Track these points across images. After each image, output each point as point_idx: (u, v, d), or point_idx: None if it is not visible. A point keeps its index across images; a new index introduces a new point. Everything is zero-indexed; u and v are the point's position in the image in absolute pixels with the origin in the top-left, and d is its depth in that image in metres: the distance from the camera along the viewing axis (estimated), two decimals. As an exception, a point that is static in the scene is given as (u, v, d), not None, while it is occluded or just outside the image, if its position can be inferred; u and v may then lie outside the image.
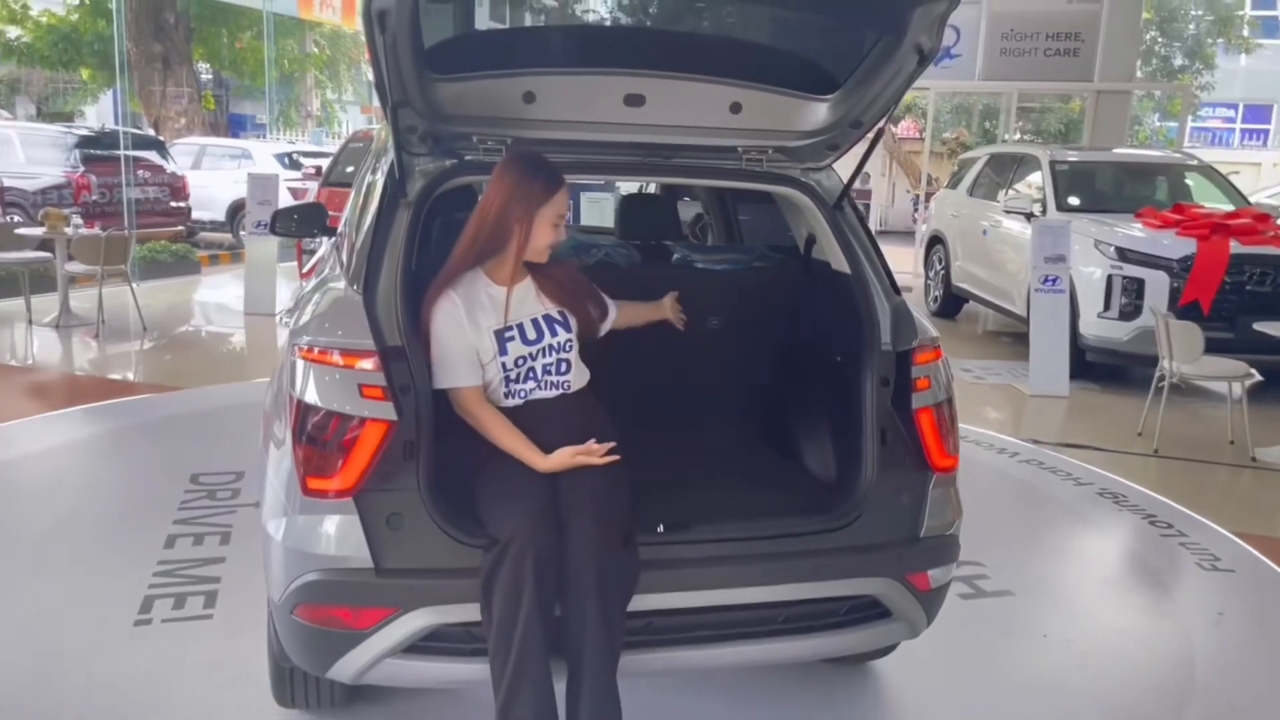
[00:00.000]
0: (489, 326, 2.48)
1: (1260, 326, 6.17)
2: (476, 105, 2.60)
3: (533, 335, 2.53)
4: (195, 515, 4.20)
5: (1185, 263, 7.10)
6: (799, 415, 3.03)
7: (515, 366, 2.51)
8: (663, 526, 2.45)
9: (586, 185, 9.78)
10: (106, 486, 4.75)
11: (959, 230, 10.28)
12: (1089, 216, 8.03)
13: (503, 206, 2.45)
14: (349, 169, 9.45)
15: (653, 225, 3.71)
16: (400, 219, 2.46)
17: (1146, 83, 24.23)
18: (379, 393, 2.26)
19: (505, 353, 2.49)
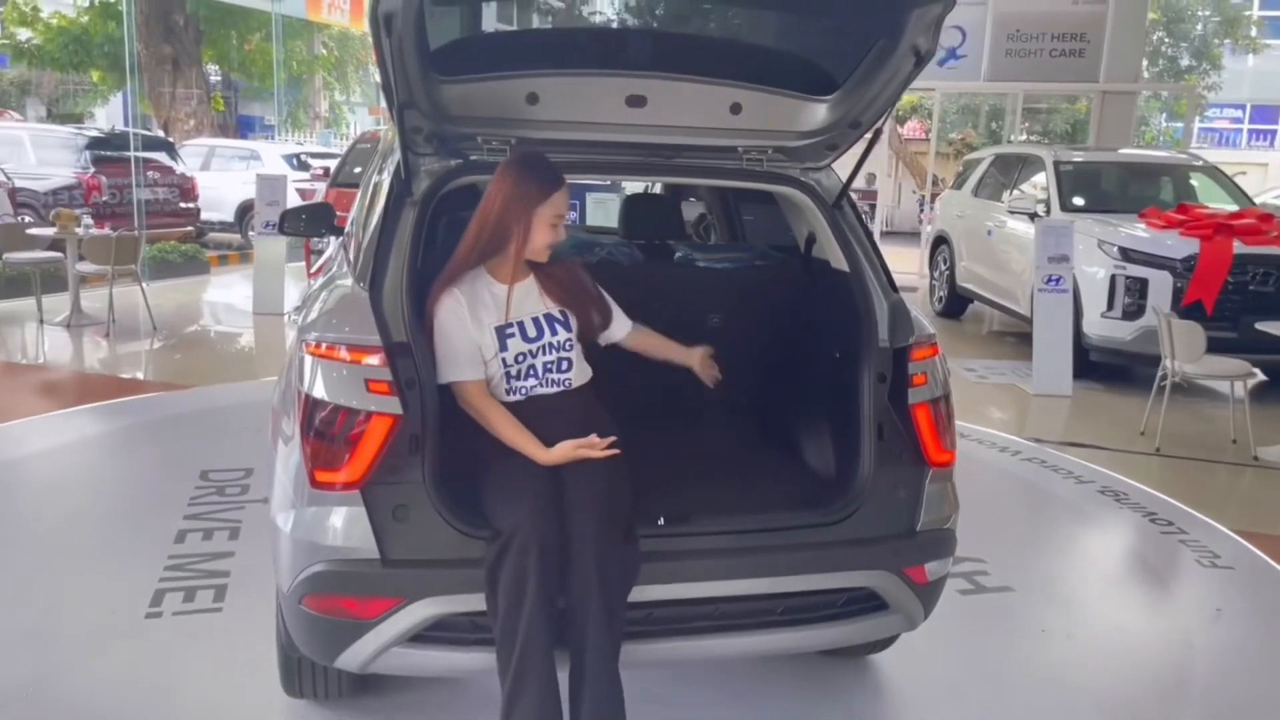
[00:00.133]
0: (490, 323, 2.53)
1: (1263, 326, 6.17)
2: (481, 106, 2.65)
3: (533, 333, 2.57)
4: (205, 511, 4.25)
5: (1189, 263, 7.11)
6: (798, 411, 3.06)
7: (516, 363, 2.55)
8: (663, 519, 2.48)
9: (592, 186, 9.82)
10: (117, 483, 4.80)
11: (964, 230, 10.29)
12: (1093, 217, 8.04)
13: (502, 206, 2.50)
14: (356, 170, 9.48)
15: (656, 225, 3.74)
16: (406, 218, 2.50)
17: (1152, 83, 24.21)
18: (385, 387, 2.30)
19: (506, 349, 2.54)
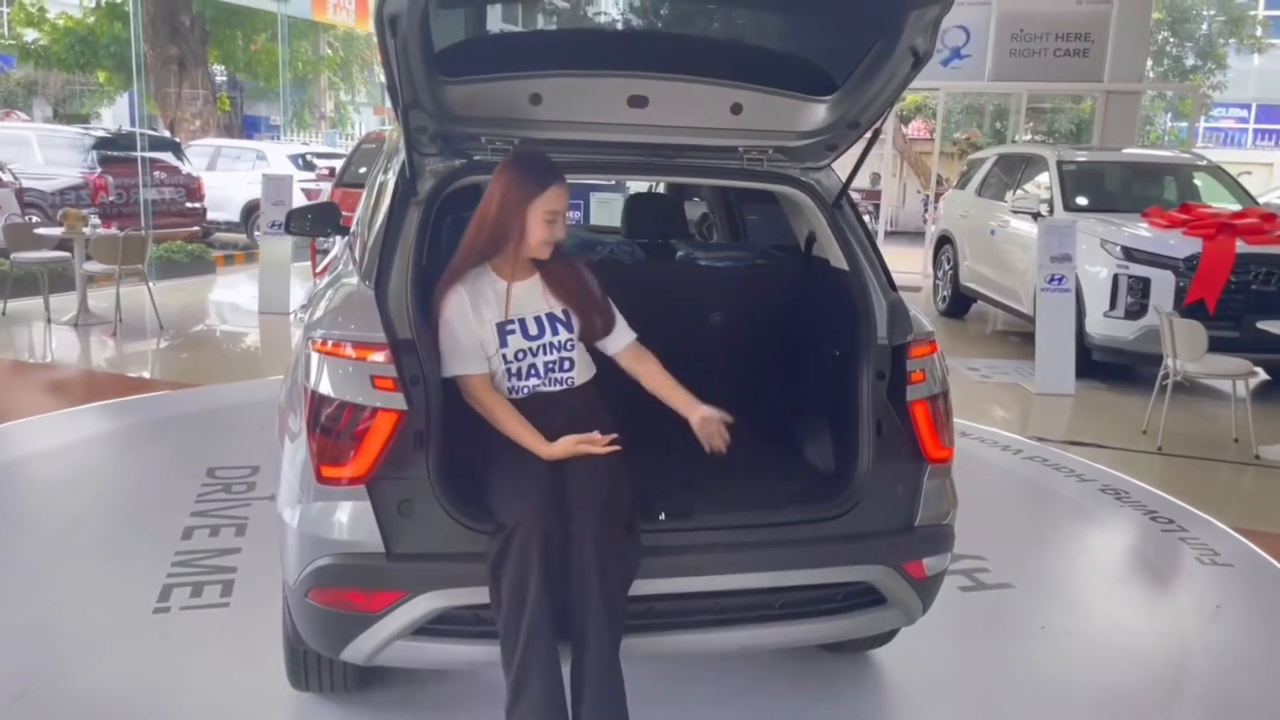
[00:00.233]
0: (491, 319, 2.56)
1: (1265, 325, 6.17)
2: (484, 107, 2.67)
3: (534, 331, 2.60)
4: (212, 508, 4.29)
5: (1191, 262, 7.12)
6: (797, 407, 3.09)
7: (516, 360, 2.59)
8: (664, 515, 2.52)
9: (596, 185, 9.84)
10: (125, 480, 4.84)
11: (967, 230, 10.31)
12: (1096, 216, 8.05)
13: (500, 203, 2.54)
14: (362, 170, 9.52)
15: (658, 224, 3.77)
16: (411, 217, 2.54)
17: (1157, 83, 24.21)
18: (390, 384, 2.33)
19: (506, 345, 2.57)
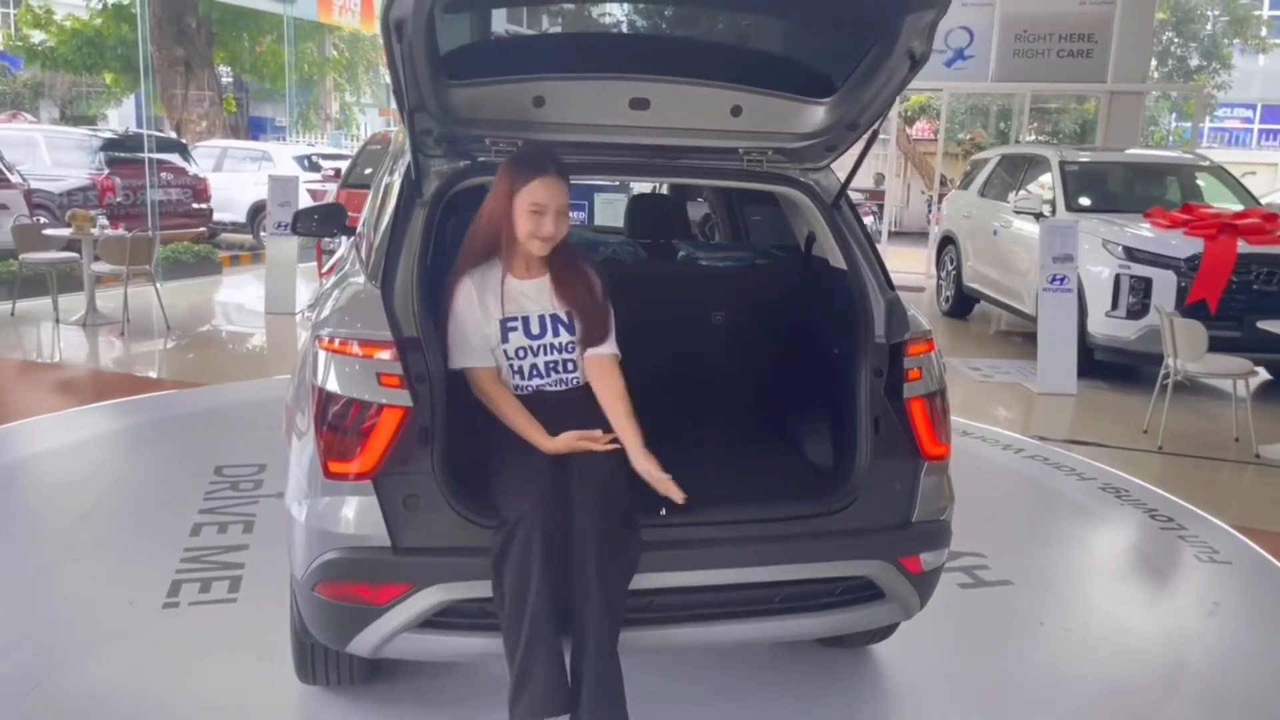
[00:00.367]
0: (496, 314, 2.61)
1: (1265, 325, 6.20)
2: (488, 109, 2.72)
3: (536, 330, 2.64)
4: (219, 505, 4.34)
5: (1192, 262, 7.15)
6: (797, 405, 3.12)
7: (517, 358, 2.63)
8: (665, 509, 2.55)
9: (600, 186, 9.90)
10: (133, 478, 4.89)
11: (970, 231, 10.33)
12: (1098, 217, 8.08)
13: (494, 194, 2.60)
14: (367, 171, 9.58)
15: (660, 224, 3.80)
16: (416, 218, 2.58)
17: (1160, 84, 24.19)
18: (396, 381, 2.37)
19: (507, 341, 2.61)
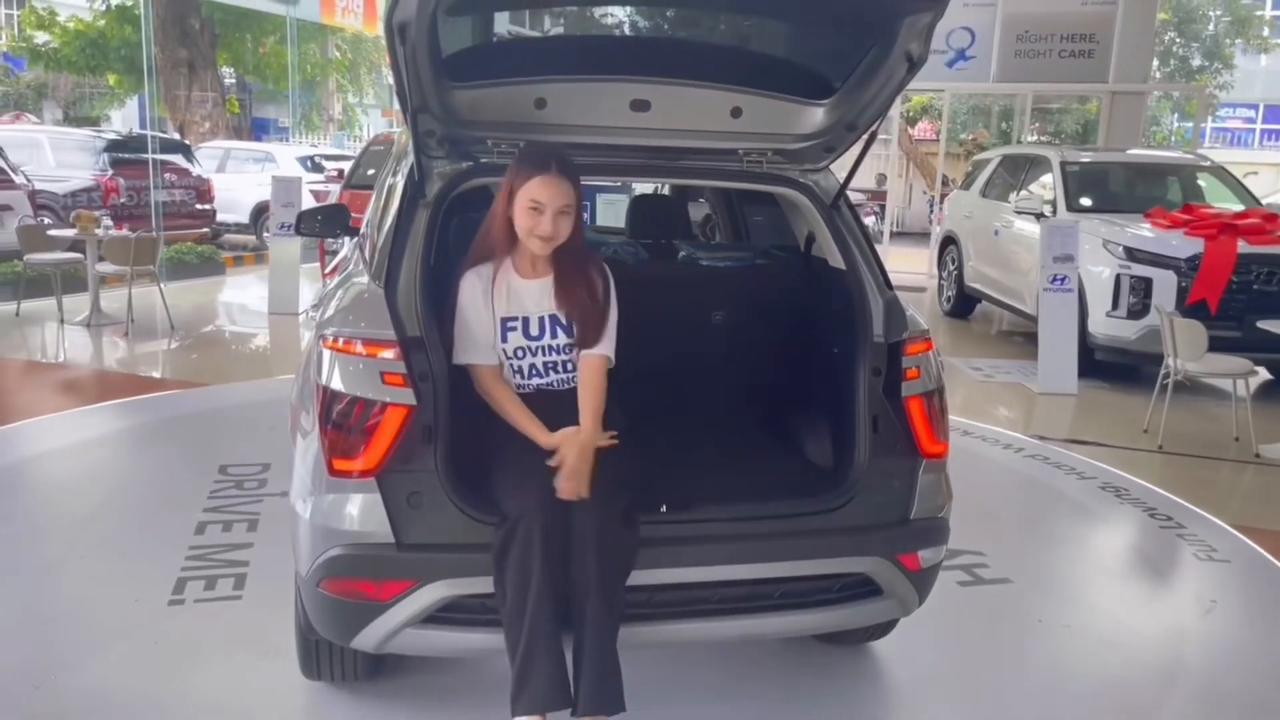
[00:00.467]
0: (497, 312, 2.64)
1: (1265, 325, 6.21)
2: (491, 111, 2.75)
3: (535, 331, 2.67)
4: (224, 504, 4.37)
5: (1193, 262, 7.16)
6: (796, 403, 3.15)
7: (516, 357, 2.66)
8: (665, 507, 2.58)
9: (603, 187, 9.93)
10: (138, 477, 4.92)
11: (971, 231, 10.35)
12: (1099, 217, 8.10)
13: (502, 192, 2.62)
14: (370, 172, 9.60)
15: (661, 225, 3.81)
16: (419, 218, 2.61)
17: (1162, 84, 24.19)
18: (400, 379, 2.40)
19: (505, 340, 2.64)
